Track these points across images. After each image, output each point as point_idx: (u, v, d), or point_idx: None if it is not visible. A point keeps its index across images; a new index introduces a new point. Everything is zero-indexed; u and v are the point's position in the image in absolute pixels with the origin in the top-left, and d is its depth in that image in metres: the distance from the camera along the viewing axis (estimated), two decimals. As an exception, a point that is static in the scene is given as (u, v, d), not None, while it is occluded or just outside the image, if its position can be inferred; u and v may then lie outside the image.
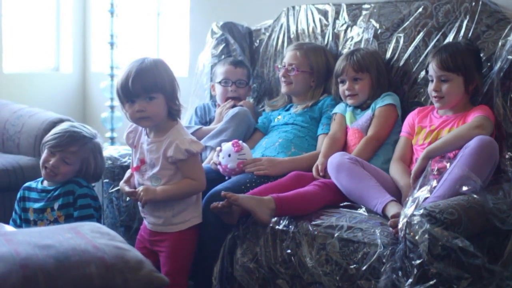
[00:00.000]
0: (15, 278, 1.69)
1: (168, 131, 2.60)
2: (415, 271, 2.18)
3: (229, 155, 2.93)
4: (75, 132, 2.98)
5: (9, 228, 2.62)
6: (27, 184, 3.05)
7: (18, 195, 3.03)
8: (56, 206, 2.95)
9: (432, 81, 2.86)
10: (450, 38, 3.04)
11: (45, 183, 3.01)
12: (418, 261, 2.17)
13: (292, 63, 3.34)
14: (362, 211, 2.62)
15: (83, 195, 2.95)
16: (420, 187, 2.44)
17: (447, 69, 2.80)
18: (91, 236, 1.92)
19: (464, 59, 2.81)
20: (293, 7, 3.70)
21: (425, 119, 2.91)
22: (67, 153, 2.94)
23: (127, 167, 3.22)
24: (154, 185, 2.62)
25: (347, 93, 3.13)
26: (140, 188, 2.61)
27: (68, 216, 2.94)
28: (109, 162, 3.33)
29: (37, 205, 2.96)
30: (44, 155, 2.96)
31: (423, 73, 3.10)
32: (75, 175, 2.98)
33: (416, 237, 2.18)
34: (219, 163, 2.95)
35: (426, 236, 2.16)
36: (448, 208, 2.22)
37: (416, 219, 2.20)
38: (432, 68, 2.85)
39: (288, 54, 3.39)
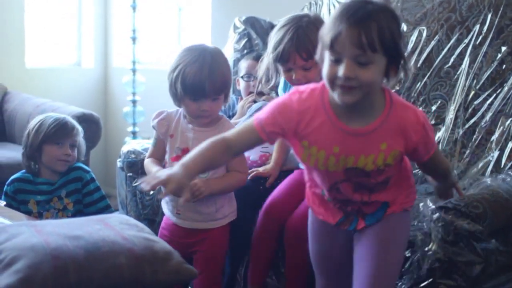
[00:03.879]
0: (46, 268, 1.72)
1: (218, 122, 2.52)
2: (429, 258, 2.19)
3: (251, 147, 2.92)
4: (65, 118, 3.07)
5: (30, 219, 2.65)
6: (14, 177, 3.03)
7: (11, 189, 2.99)
8: (63, 194, 2.99)
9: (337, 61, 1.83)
10: (474, 32, 3.04)
11: (46, 175, 3.02)
12: (431, 248, 2.18)
13: None
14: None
15: (91, 179, 3.05)
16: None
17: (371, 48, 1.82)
18: (120, 228, 1.95)
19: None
20: (315, 2, 3.70)
21: (321, 129, 1.90)
22: (73, 137, 3.03)
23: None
24: (201, 177, 2.41)
25: (296, 82, 2.48)
26: (196, 180, 2.37)
27: (77, 202, 2.99)
28: (133, 156, 3.34)
29: (40, 197, 2.98)
30: (52, 150, 2.98)
31: (446, 66, 3.09)
32: None
33: (429, 226, 2.19)
34: None
35: (439, 224, 2.16)
36: (473, 201, 2.22)
37: (429, 209, 2.21)
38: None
39: None
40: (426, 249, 2.20)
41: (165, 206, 2.58)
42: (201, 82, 2.38)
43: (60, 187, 2.99)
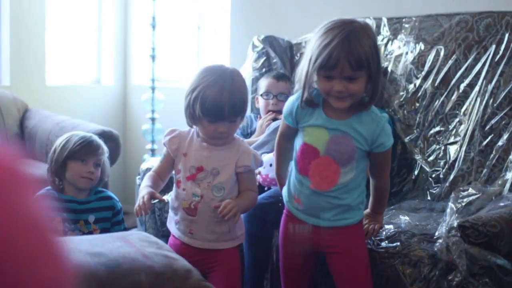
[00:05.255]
0: (68, 284, 1.74)
1: (232, 140, 2.51)
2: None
3: (270, 165, 2.94)
4: (92, 136, 3.09)
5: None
6: (40, 193, 3.05)
7: None
8: (91, 219, 3.01)
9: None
10: (491, 51, 3.05)
11: (71, 192, 3.05)
12: (456, 280, 2.18)
13: None
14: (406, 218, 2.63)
15: (121, 209, 3.08)
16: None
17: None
18: (140, 245, 1.97)
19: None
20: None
21: None
22: (98, 156, 3.05)
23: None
24: (217, 196, 2.43)
25: (336, 95, 2.23)
26: (228, 201, 2.38)
27: (104, 230, 3.01)
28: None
29: (65, 215, 3.01)
30: (76, 166, 3.00)
31: (462, 85, 3.11)
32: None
33: (455, 257, 2.18)
34: (259, 173, 2.98)
35: (464, 256, 2.16)
36: (490, 220, 2.22)
37: (453, 239, 2.20)
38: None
39: None
40: (450, 277, 2.20)
41: (174, 226, 2.55)
42: (221, 105, 2.36)
43: (90, 211, 3.02)
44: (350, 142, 2.27)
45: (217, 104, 2.36)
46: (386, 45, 3.45)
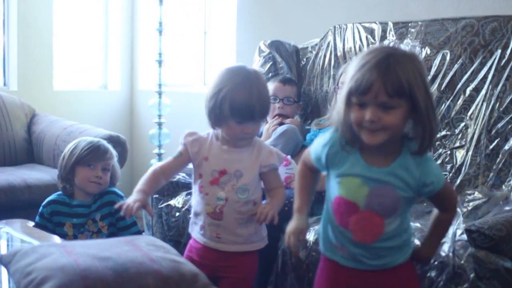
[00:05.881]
0: (76, 288, 1.75)
1: (251, 141, 2.48)
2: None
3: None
4: (99, 141, 3.12)
5: (57, 239, 2.67)
6: (51, 198, 3.06)
7: (48, 210, 3.02)
8: (97, 217, 3.03)
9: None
10: (496, 56, 3.05)
11: (80, 197, 3.06)
12: (465, 285, 2.18)
13: None
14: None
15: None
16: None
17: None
18: (147, 249, 1.97)
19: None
20: (340, 26, 3.73)
21: None
22: (105, 160, 3.07)
23: (176, 183, 3.28)
24: (241, 198, 2.41)
25: (367, 125, 1.87)
26: (262, 206, 2.38)
27: (111, 225, 3.03)
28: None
29: (76, 220, 3.02)
30: (84, 171, 3.03)
31: (468, 89, 3.11)
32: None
33: (462, 261, 2.18)
34: None
35: (472, 259, 2.16)
36: (496, 224, 2.22)
37: (460, 243, 2.20)
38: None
39: None
40: (457, 281, 2.20)
41: (198, 232, 2.51)
42: (251, 106, 2.33)
43: (95, 210, 3.04)
44: (394, 192, 1.95)
45: (246, 104, 2.33)
46: (392, 49, 3.46)
